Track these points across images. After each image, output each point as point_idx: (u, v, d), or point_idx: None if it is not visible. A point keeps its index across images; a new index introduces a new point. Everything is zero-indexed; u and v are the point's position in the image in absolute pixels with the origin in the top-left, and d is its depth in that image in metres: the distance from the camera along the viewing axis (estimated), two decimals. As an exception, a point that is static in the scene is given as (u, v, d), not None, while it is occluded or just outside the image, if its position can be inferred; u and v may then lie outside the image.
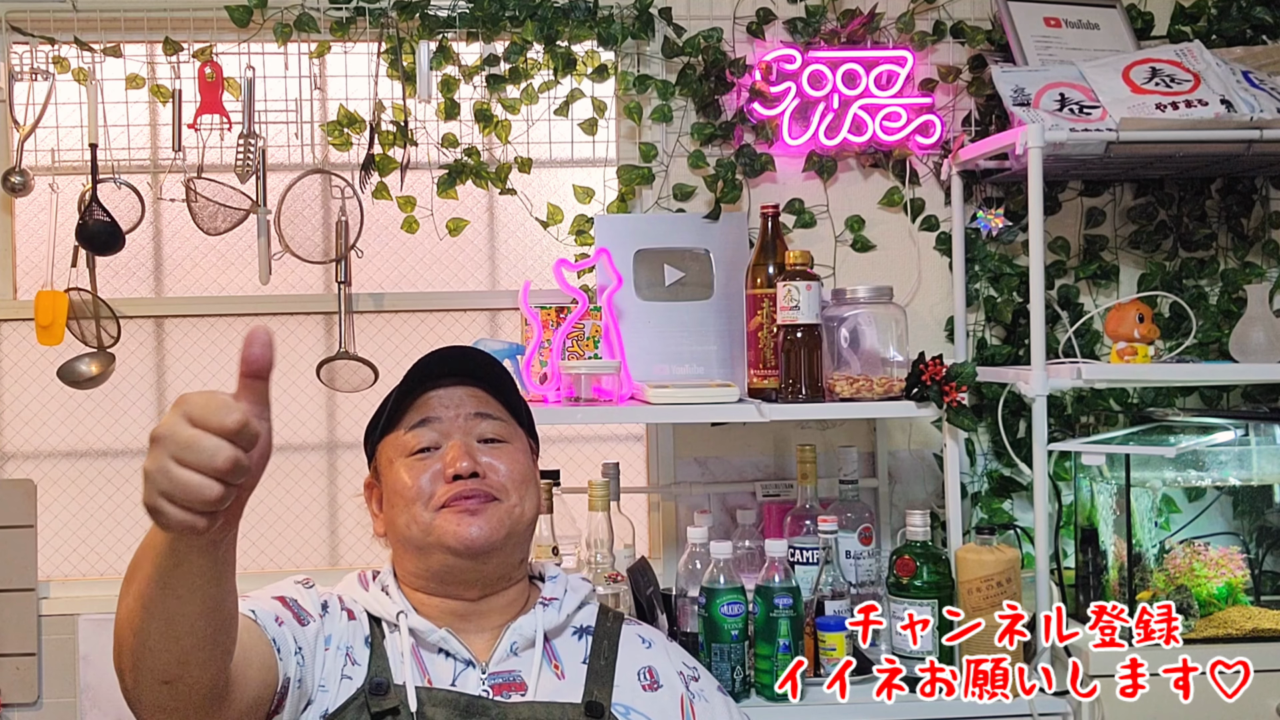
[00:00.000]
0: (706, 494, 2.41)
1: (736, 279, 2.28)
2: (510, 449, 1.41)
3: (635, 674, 1.42)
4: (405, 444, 1.39)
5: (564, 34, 2.38)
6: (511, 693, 1.34)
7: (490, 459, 1.38)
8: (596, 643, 1.43)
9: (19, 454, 2.44)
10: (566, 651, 1.41)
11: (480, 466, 1.36)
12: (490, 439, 1.40)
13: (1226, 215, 2.51)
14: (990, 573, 1.89)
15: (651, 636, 1.50)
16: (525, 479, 1.40)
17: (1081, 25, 2.38)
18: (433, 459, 1.38)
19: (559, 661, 1.40)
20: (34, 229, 2.43)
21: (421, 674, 1.35)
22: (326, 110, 2.44)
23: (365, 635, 1.38)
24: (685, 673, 1.47)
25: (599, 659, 1.41)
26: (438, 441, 1.38)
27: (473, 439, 1.39)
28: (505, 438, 1.41)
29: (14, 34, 2.35)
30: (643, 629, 1.51)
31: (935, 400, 1.97)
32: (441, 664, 1.36)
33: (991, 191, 2.46)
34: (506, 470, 1.38)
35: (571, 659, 1.41)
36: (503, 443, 1.41)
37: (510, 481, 1.37)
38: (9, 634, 2.32)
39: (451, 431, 1.38)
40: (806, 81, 2.37)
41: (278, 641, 1.26)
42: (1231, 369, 2.11)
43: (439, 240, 2.46)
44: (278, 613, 1.30)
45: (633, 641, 1.46)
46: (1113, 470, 2.06)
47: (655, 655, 1.46)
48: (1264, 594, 2.12)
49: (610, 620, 1.48)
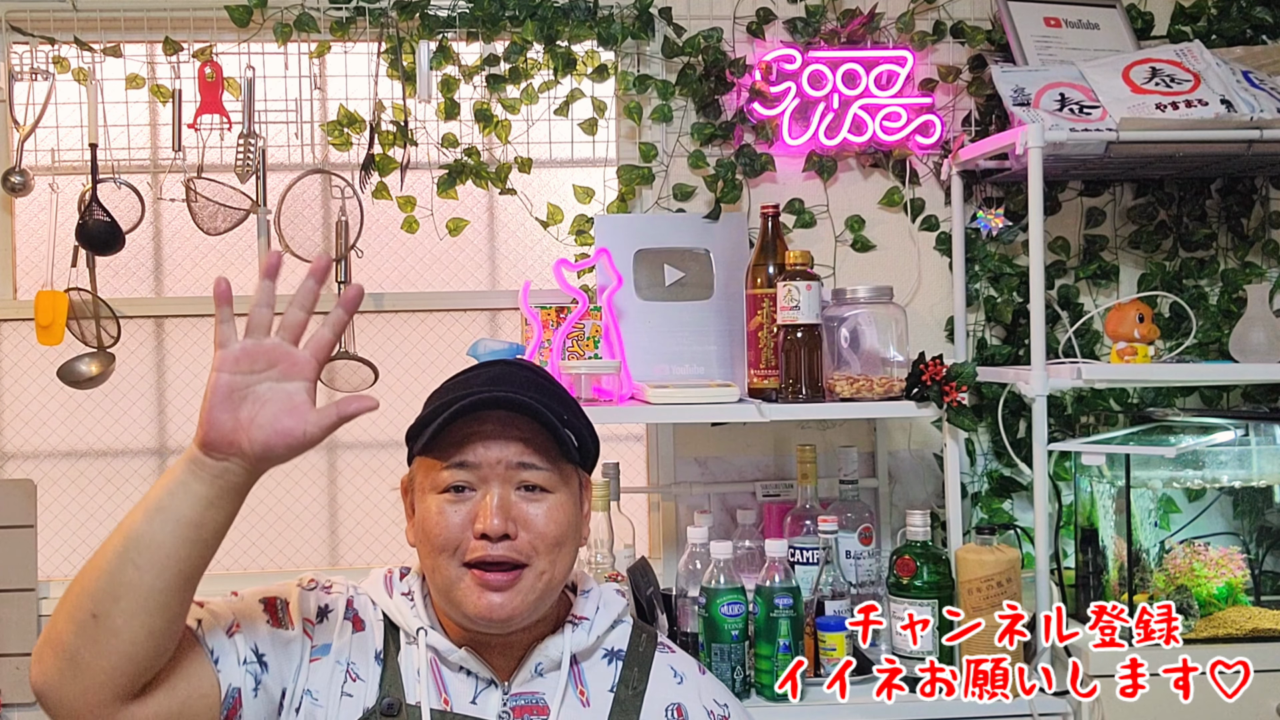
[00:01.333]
0: (706, 494, 2.41)
1: (736, 279, 2.28)
2: (552, 502, 1.28)
3: (663, 710, 1.34)
4: (440, 479, 1.28)
5: (564, 34, 2.38)
6: (533, 716, 1.28)
7: (529, 512, 1.26)
8: (626, 669, 1.35)
9: (19, 454, 2.44)
10: (594, 677, 1.34)
11: (514, 525, 1.25)
12: (533, 486, 1.27)
13: (1226, 215, 2.51)
14: (990, 573, 1.89)
15: (684, 670, 1.40)
16: (562, 538, 1.28)
17: (1081, 25, 2.38)
18: (466, 502, 1.26)
19: (585, 687, 1.33)
20: (34, 229, 2.43)
21: (439, 693, 1.29)
22: (326, 110, 2.44)
23: (376, 650, 1.31)
24: (715, 711, 1.38)
25: (627, 688, 1.34)
26: (475, 484, 1.27)
27: (510, 488, 1.27)
28: (548, 487, 1.28)
29: (14, 34, 2.35)
30: (676, 659, 1.41)
31: (935, 400, 1.97)
32: (461, 682, 1.30)
33: (991, 191, 2.46)
34: (542, 528, 1.26)
35: (599, 685, 1.33)
36: (545, 493, 1.28)
37: (543, 543, 1.26)
38: (9, 634, 2.32)
39: (490, 479, 1.26)
40: (806, 81, 2.37)
41: (216, 651, 1.23)
42: (1231, 369, 2.11)
43: (439, 240, 2.46)
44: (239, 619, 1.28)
45: (664, 673, 1.38)
46: (1113, 470, 2.06)
47: (685, 692, 1.37)
48: (1264, 594, 2.12)
49: (643, 645, 1.39)
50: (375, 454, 2.50)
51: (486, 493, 1.25)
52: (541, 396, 1.28)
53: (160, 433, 2.47)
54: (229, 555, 2.46)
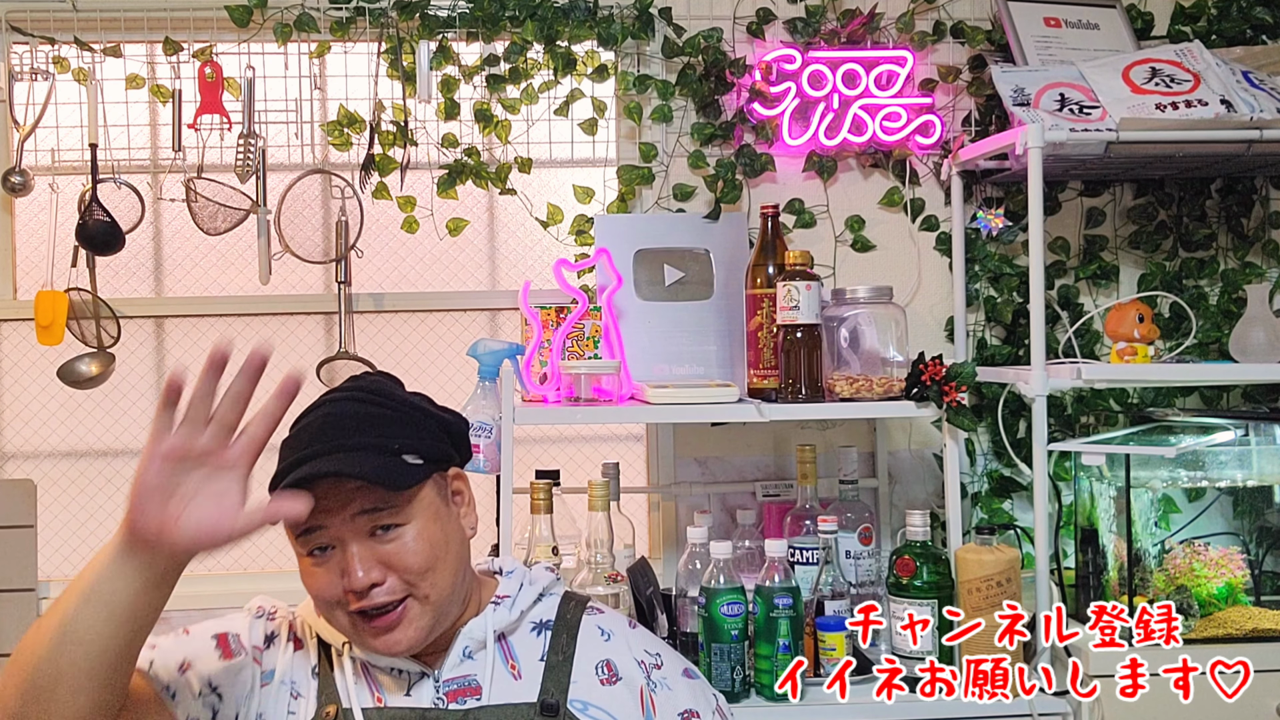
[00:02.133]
0: (706, 494, 2.41)
1: (736, 279, 2.28)
2: (408, 533, 1.27)
3: (594, 668, 1.37)
4: (299, 545, 1.30)
5: (564, 34, 2.38)
6: (467, 698, 1.31)
7: (388, 551, 1.26)
8: (555, 637, 1.38)
9: (19, 454, 2.44)
10: (524, 649, 1.37)
11: (379, 570, 1.26)
12: (384, 526, 1.27)
13: (1226, 215, 2.51)
14: (990, 573, 1.89)
15: (611, 627, 1.42)
16: (431, 561, 1.28)
17: (1081, 25, 2.38)
18: (331, 560, 1.27)
19: (515, 660, 1.36)
20: (34, 229, 2.43)
21: (371, 694, 1.32)
22: (326, 110, 2.44)
23: (313, 665, 1.35)
24: (647, 661, 1.40)
25: (556, 654, 1.37)
26: (330, 542, 1.27)
27: (364, 537, 1.26)
28: (400, 521, 1.27)
29: (14, 34, 2.35)
30: (604, 618, 1.43)
31: (935, 400, 1.97)
32: (393, 680, 1.33)
33: (991, 191, 2.46)
34: (407, 563, 1.27)
35: (529, 656, 1.36)
36: (398, 527, 1.27)
37: (414, 575, 1.27)
38: (9, 634, 2.32)
39: (342, 534, 1.26)
40: (806, 81, 2.37)
41: (172, 687, 1.27)
42: (1231, 369, 2.11)
43: (439, 240, 2.46)
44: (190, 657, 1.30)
45: (591, 633, 1.40)
46: (1113, 470, 2.06)
47: (614, 647, 1.40)
48: (1264, 594, 2.12)
49: (571, 611, 1.42)
50: (375, 454, 2.50)
51: (344, 550, 1.26)
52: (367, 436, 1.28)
53: (160, 433, 2.46)
54: (229, 555, 2.46)
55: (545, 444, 2.50)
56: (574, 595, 1.46)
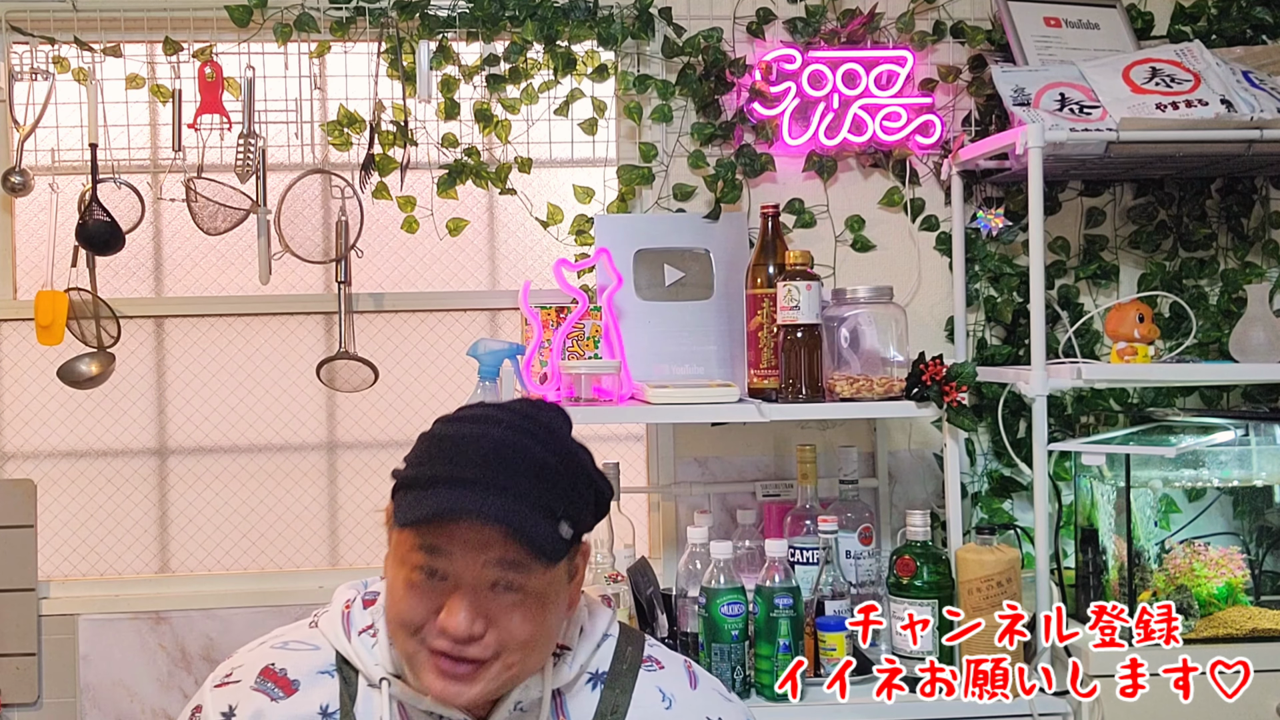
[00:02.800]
0: (706, 494, 2.41)
1: (736, 279, 2.28)
2: (529, 603, 1.16)
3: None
4: (411, 557, 1.16)
5: (564, 34, 2.38)
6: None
7: (501, 610, 1.15)
8: (608, 690, 1.27)
9: (19, 454, 2.44)
10: (576, 706, 1.26)
11: (482, 624, 1.14)
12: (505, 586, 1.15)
13: (1226, 215, 2.51)
14: (990, 573, 1.89)
15: (673, 690, 1.29)
16: (536, 638, 1.17)
17: (1081, 25, 2.38)
18: (435, 589, 1.15)
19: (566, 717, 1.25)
20: (34, 229, 2.43)
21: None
22: (326, 110, 2.44)
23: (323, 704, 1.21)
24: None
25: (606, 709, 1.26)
26: (446, 572, 1.15)
27: (485, 586, 1.14)
28: (522, 587, 1.15)
29: (14, 34, 2.35)
30: (664, 676, 1.30)
31: (935, 400, 1.97)
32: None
33: (991, 191, 2.46)
34: (514, 630, 1.15)
35: (580, 714, 1.26)
36: (522, 592, 1.15)
37: (515, 643, 1.15)
38: (9, 634, 2.32)
39: (463, 572, 1.14)
40: (806, 81, 2.37)
41: None
42: (1231, 369, 2.11)
43: (439, 240, 2.46)
44: None
45: (650, 696, 1.28)
46: (1113, 470, 2.06)
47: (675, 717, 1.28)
48: (1264, 594, 2.12)
49: (627, 660, 1.30)
50: (375, 454, 2.50)
51: (458, 585, 1.14)
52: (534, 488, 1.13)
53: (160, 433, 2.47)
54: (229, 555, 2.46)
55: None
56: (630, 636, 1.33)
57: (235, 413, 2.46)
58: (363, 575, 1.37)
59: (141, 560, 2.46)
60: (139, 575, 2.45)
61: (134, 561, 2.46)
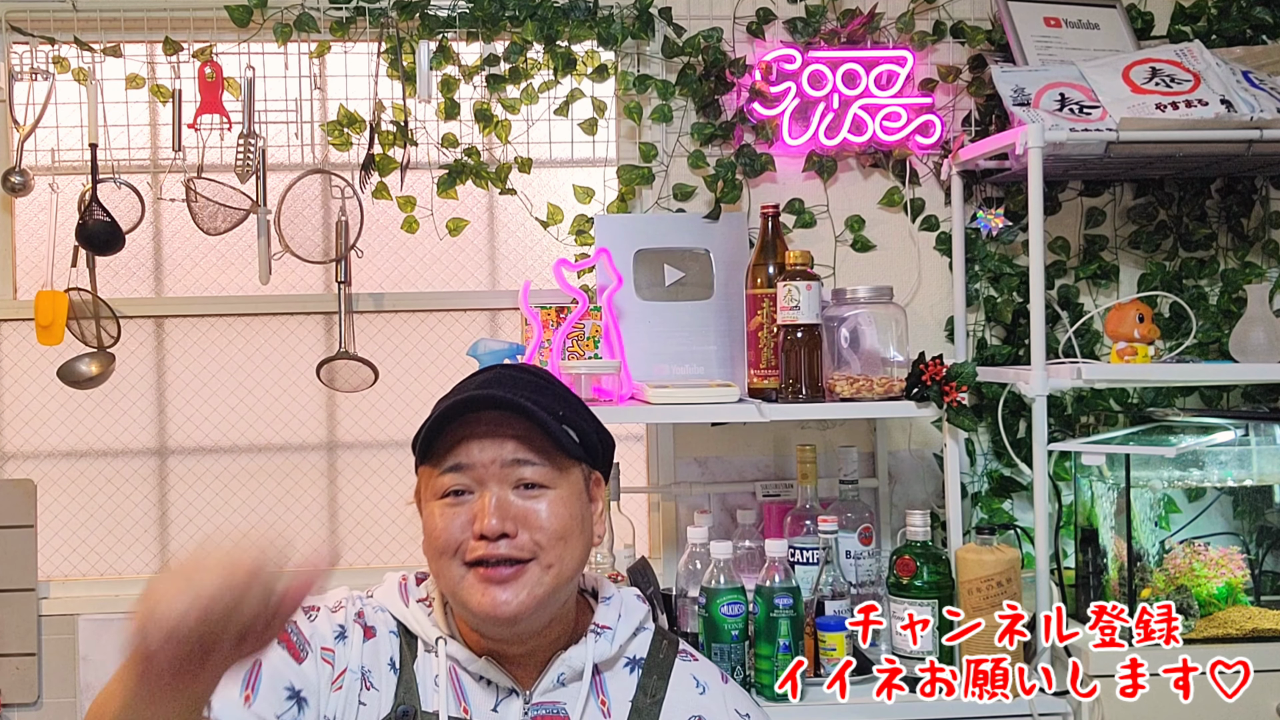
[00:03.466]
0: (706, 494, 2.41)
1: (736, 279, 2.28)
2: (552, 497, 1.25)
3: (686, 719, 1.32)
4: (438, 485, 1.26)
5: (564, 34, 2.38)
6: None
7: (528, 508, 1.24)
8: (645, 676, 1.33)
9: (19, 454, 2.44)
10: (616, 686, 1.32)
11: (512, 523, 1.23)
12: (530, 484, 1.25)
13: (1226, 215, 2.51)
14: (990, 573, 1.89)
15: (707, 679, 1.37)
16: (566, 531, 1.25)
17: (1081, 25, 2.38)
18: (465, 505, 1.25)
19: (606, 697, 1.31)
20: (34, 229, 2.43)
21: (458, 701, 1.27)
22: (326, 110, 2.44)
23: (391, 658, 1.29)
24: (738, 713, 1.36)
25: (645, 695, 1.32)
26: (472, 486, 1.25)
27: (508, 488, 1.24)
28: (548, 483, 1.25)
29: (14, 34, 2.35)
30: (698, 667, 1.38)
31: (935, 400, 1.97)
32: (481, 691, 1.28)
33: (991, 191, 2.46)
34: (543, 523, 1.24)
35: (620, 695, 1.31)
36: (544, 489, 1.25)
37: (547, 538, 1.23)
38: (9, 634, 2.32)
39: (486, 479, 1.24)
40: (806, 81, 2.37)
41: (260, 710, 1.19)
42: (1231, 369, 2.11)
43: (439, 240, 2.46)
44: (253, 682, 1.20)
45: (685, 682, 1.35)
46: (1113, 470, 2.06)
47: (708, 702, 1.34)
48: (1264, 594, 2.12)
49: (664, 651, 1.37)
50: (375, 454, 2.50)
51: (484, 494, 1.24)
52: (535, 394, 1.27)
53: (160, 433, 2.47)
54: (229, 555, 2.46)
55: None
56: (664, 634, 1.40)
57: (235, 413, 2.46)
58: (363, 575, 1.40)
59: (141, 560, 2.46)
60: (139, 575, 2.45)
61: (134, 561, 2.46)
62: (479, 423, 1.25)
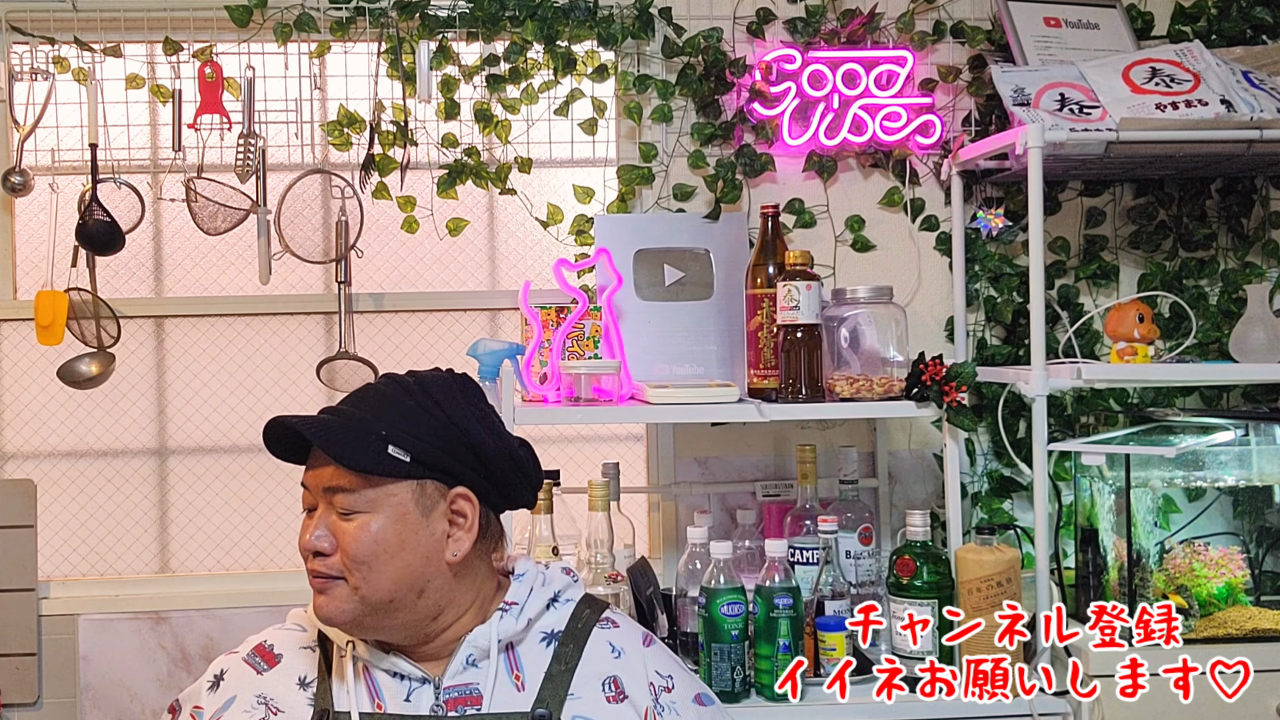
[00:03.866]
0: (706, 494, 2.41)
1: (736, 279, 2.28)
2: (360, 522, 1.29)
3: (600, 684, 1.34)
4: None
5: (564, 34, 2.38)
6: (466, 707, 1.30)
7: (341, 530, 1.29)
8: (561, 646, 1.36)
9: (19, 454, 2.44)
10: (530, 660, 1.35)
11: (330, 542, 1.30)
12: (343, 510, 1.30)
13: (1226, 215, 2.51)
14: (990, 573, 1.89)
15: (624, 644, 1.39)
16: (369, 556, 1.28)
17: (1081, 25, 2.38)
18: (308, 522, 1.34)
19: (520, 671, 1.34)
20: (34, 229, 2.43)
21: (370, 697, 1.32)
22: (326, 110, 2.44)
23: (301, 676, 1.35)
24: (657, 683, 1.37)
25: (559, 663, 1.34)
26: (314, 503, 1.33)
27: (331, 511, 1.31)
28: (360, 508, 1.29)
29: (14, 34, 2.35)
30: (617, 634, 1.40)
31: (935, 400, 1.97)
32: (394, 685, 1.33)
33: (991, 191, 2.46)
34: (348, 548, 1.28)
35: (534, 668, 1.34)
36: (356, 514, 1.29)
37: (351, 561, 1.28)
38: (9, 634, 2.32)
39: (318, 499, 1.32)
40: (806, 81, 2.37)
41: None
42: (1231, 369, 2.11)
43: (439, 240, 2.46)
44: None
45: (601, 648, 1.37)
46: (1113, 470, 2.06)
47: (624, 664, 1.37)
48: (1264, 594, 2.12)
49: (583, 620, 1.39)
50: (375, 454, 2.50)
51: (317, 513, 1.32)
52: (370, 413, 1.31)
53: (160, 433, 2.47)
54: (229, 555, 2.46)
55: (545, 444, 2.50)
56: (591, 601, 1.42)
57: (235, 413, 2.46)
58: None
59: (141, 560, 2.46)
60: (139, 575, 2.45)
61: (134, 561, 2.46)
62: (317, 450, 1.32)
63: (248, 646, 1.41)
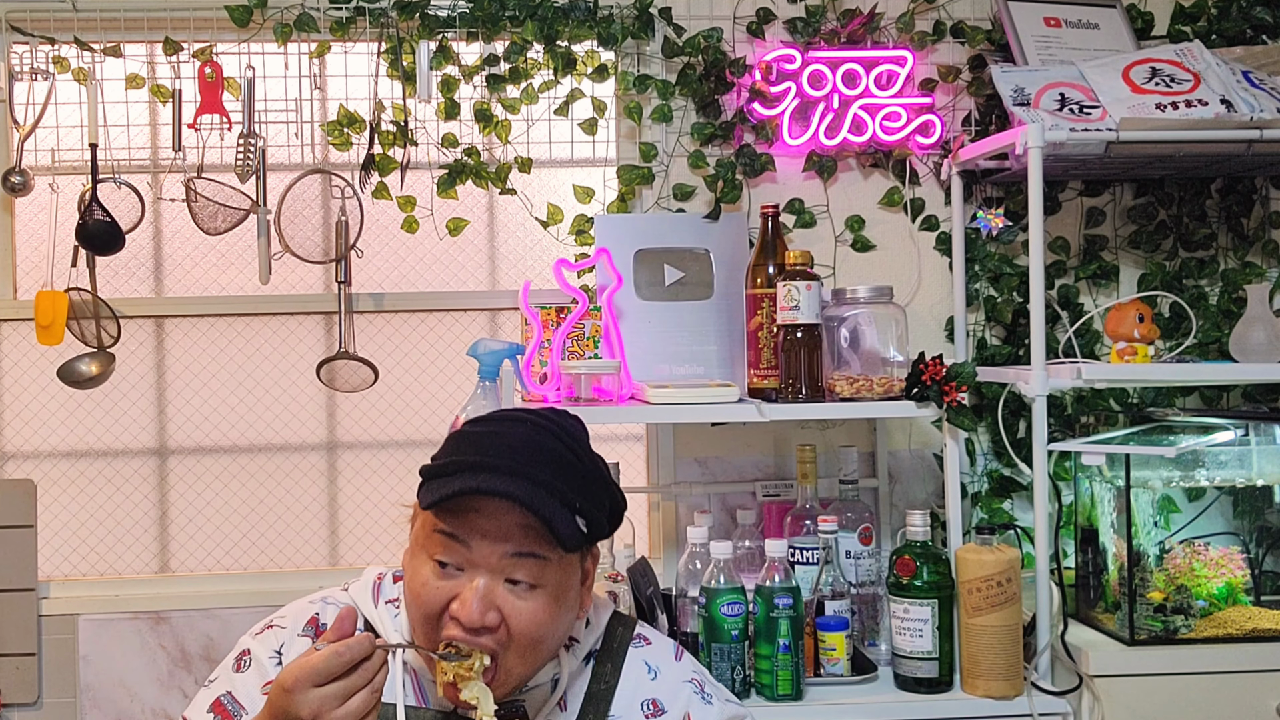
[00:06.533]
0: (706, 494, 2.41)
1: (736, 279, 2.28)
2: (539, 599, 1.21)
3: (639, 705, 1.34)
4: (434, 538, 1.22)
5: (564, 34, 2.38)
6: None
7: (513, 606, 1.20)
8: (599, 665, 1.35)
9: (19, 454, 2.44)
10: (572, 683, 1.34)
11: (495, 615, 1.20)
12: (520, 581, 1.21)
13: (1226, 215, 2.51)
14: (990, 573, 1.89)
15: (658, 663, 1.39)
16: (540, 638, 1.22)
17: (1081, 25, 2.38)
18: (452, 580, 1.21)
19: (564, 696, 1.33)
20: (34, 229, 2.43)
21: (417, 698, 1.29)
22: (326, 110, 2.44)
23: None
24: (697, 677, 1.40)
25: (599, 683, 1.34)
26: (463, 565, 1.21)
27: (499, 578, 1.20)
28: (540, 582, 1.21)
29: (14, 34, 2.35)
30: (650, 652, 1.40)
31: (935, 400, 1.97)
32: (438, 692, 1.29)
33: (991, 191, 2.46)
34: (523, 626, 1.21)
35: (575, 686, 1.34)
36: (534, 588, 1.21)
37: (521, 640, 1.21)
38: (9, 634, 2.32)
39: (479, 564, 1.20)
40: (806, 81, 2.37)
41: None
42: (1231, 369, 2.11)
43: (439, 240, 2.46)
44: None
45: (638, 668, 1.37)
46: (1113, 470, 2.06)
47: (661, 686, 1.37)
48: (1264, 594, 2.12)
49: (618, 640, 1.39)
50: (375, 454, 2.50)
51: (474, 578, 1.20)
52: (558, 478, 1.21)
53: (160, 433, 2.47)
54: (229, 555, 2.46)
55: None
56: (621, 618, 1.42)
57: (235, 413, 2.46)
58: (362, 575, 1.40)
59: (141, 560, 2.46)
60: (139, 575, 2.45)
61: (134, 561, 2.46)
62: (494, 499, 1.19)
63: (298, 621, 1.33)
